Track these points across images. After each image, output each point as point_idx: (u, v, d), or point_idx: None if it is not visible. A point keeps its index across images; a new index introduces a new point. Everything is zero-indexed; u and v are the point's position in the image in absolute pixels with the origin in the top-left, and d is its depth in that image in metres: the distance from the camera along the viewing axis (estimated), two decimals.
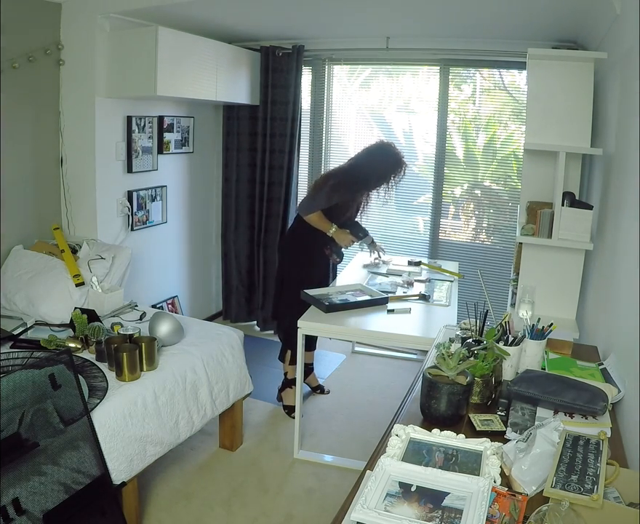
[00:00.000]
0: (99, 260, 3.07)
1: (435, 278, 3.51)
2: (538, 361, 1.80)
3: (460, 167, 4.17)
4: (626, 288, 1.87)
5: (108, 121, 3.39)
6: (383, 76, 4.31)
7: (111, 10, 3.17)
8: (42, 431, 1.87)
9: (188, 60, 3.38)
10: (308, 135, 4.38)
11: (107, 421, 2.06)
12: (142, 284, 3.80)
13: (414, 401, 1.59)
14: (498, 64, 3.85)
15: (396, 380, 3.80)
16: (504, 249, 4.05)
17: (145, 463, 2.24)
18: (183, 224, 4.26)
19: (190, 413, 2.49)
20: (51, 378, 1.95)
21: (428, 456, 1.28)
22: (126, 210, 3.62)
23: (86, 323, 2.53)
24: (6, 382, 1.87)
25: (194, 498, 2.56)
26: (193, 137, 4.18)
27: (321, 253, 3.33)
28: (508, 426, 1.46)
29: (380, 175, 3.23)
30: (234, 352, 2.81)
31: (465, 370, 1.51)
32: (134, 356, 2.26)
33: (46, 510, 1.80)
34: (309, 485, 2.71)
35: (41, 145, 3.30)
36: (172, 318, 2.64)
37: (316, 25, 3.78)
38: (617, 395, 1.62)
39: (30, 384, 1.92)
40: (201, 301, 4.58)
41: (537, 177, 2.81)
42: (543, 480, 1.17)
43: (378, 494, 1.13)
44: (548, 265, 2.59)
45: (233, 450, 2.93)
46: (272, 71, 4.10)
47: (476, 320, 1.86)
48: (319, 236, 3.25)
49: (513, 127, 3.97)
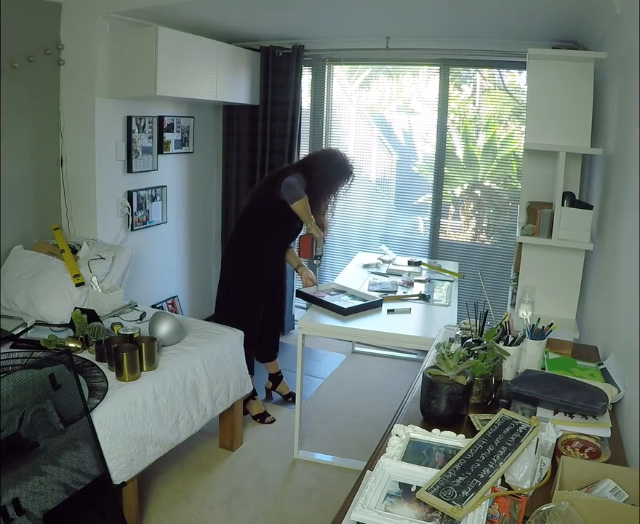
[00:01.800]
0: (99, 260, 3.07)
1: (435, 278, 3.51)
2: (538, 361, 1.80)
3: (459, 167, 4.17)
4: (626, 288, 1.87)
5: (108, 121, 3.39)
6: (383, 76, 4.31)
7: (111, 10, 3.17)
8: (42, 431, 1.87)
9: (187, 60, 3.38)
10: (308, 135, 4.38)
11: (107, 421, 2.06)
12: (142, 284, 3.80)
13: (414, 401, 1.59)
14: (498, 64, 3.85)
15: (396, 381, 3.80)
16: (504, 249, 4.05)
17: (145, 463, 2.24)
18: (183, 224, 4.26)
19: (190, 413, 2.49)
20: (51, 378, 1.95)
21: (427, 456, 1.28)
22: (126, 210, 3.62)
23: (86, 323, 2.53)
24: (6, 382, 1.87)
25: (194, 498, 2.56)
26: (193, 137, 4.18)
27: (275, 254, 3.18)
28: None
29: (329, 187, 3.09)
30: (234, 352, 2.81)
31: (465, 370, 1.51)
32: (134, 356, 2.26)
33: (46, 510, 1.80)
34: (309, 485, 2.71)
35: (41, 145, 3.30)
36: (171, 318, 2.64)
37: (316, 25, 3.78)
38: (617, 395, 1.62)
39: (30, 384, 1.92)
40: (201, 301, 4.58)
41: (537, 177, 2.81)
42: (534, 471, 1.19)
43: (378, 494, 1.13)
44: (547, 265, 2.59)
45: (233, 450, 2.93)
46: (272, 71, 4.10)
47: (476, 320, 1.86)
48: (270, 237, 3.09)
49: (513, 127, 3.97)
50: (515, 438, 1.28)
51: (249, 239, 3.10)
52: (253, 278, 3.09)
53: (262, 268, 3.12)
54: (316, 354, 4.18)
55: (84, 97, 3.29)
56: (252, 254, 3.07)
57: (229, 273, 3.19)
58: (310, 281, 3.25)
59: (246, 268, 3.09)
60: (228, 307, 3.15)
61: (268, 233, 3.08)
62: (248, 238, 3.11)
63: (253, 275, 3.09)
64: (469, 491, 1.10)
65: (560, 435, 1.36)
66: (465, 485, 1.12)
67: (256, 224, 3.10)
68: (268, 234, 3.08)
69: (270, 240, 3.10)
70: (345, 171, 3.12)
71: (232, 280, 3.15)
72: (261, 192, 3.09)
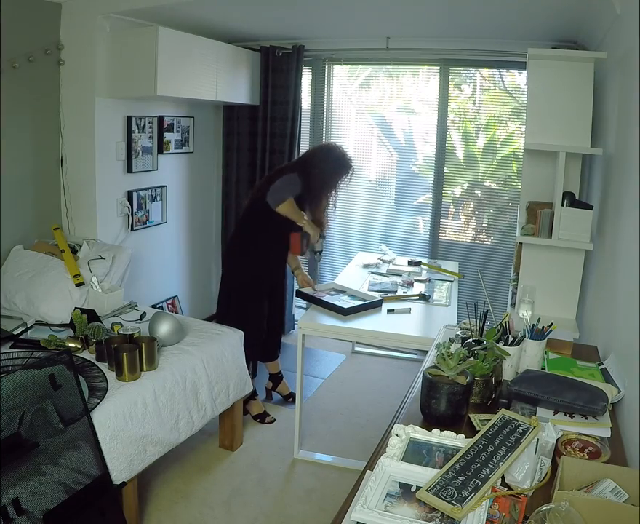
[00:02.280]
0: (99, 260, 3.07)
1: (435, 278, 3.51)
2: (538, 361, 1.80)
3: (460, 167, 4.17)
4: (626, 288, 1.87)
5: (108, 121, 3.39)
6: (383, 76, 4.31)
7: (111, 10, 3.17)
8: (42, 431, 1.87)
9: (187, 60, 3.38)
10: (308, 135, 4.38)
11: (107, 421, 2.06)
12: (142, 284, 3.80)
13: (414, 401, 1.59)
14: (498, 64, 3.85)
15: (396, 381, 3.80)
16: (504, 249, 4.05)
17: (145, 463, 2.24)
18: (183, 224, 4.26)
19: (190, 412, 2.49)
20: (51, 378, 1.95)
21: (427, 456, 1.28)
22: (126, 210, 3.62)
23: (86, 323, 2.53)
24: (6, 382, 1.87)
25: (194, 498, 2.56)
26: (193, 137, 4.18)
27: (275, 254, 3.16)
28: None
29: (328, 182, 3.06)
30: (234, 352, 2.81)
31: (465, 370, 1.51)
32: (134, 356, 2.26)
33: (46, 510, 1.80)
34: (309, 485, 2.71)
35: (41, 145, 3.30)
36: (172, 318, 2.64)
37: (316, 25, 3.78)
38: (617, 395, 1.62)
39: (30, 384, 1.92)
40: (201, 301, 4.58)
41: (537, 177, 2.80)
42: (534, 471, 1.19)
43: (378, 494, 1.13)
44: (547, 265, 2.59)
45: (233, 450, 2.93)
46: (272, 71, 4.10)
47: (476, 320, 1.86)
48: (269, 237, 3.07)
49: (513, 127, 3.97)
50: (515, 438, 1.28)
51: (249, 240, 3.09)
52: (253, 278, 3.09)
53: (262, 269, 3.11)
54: (315, 354, 4.18)
55: (84, 97, 3.29)
56: (252, 254, 3.07)
57: (229, 273, 3.18)
58: (307, 284, 3.24)
59: (245, 269, 3.08)
60: (229, 307, 3.15)
61: (267, 233, 3.07)
62: (248, 239, 3.10)
63: (253, 275, 3.09)
64: (469, 491, 1.10)
65: (560, 435, 1.36)
66: (465, 485, 1.12)
67: (255, 225, 3.09)
68: (267, 235, 3.07)
69: (269, 241, 3.09)
70: (343, 165, 3.09)
71: (232, 280, 3.15)
72: (260, 192, 3.08)
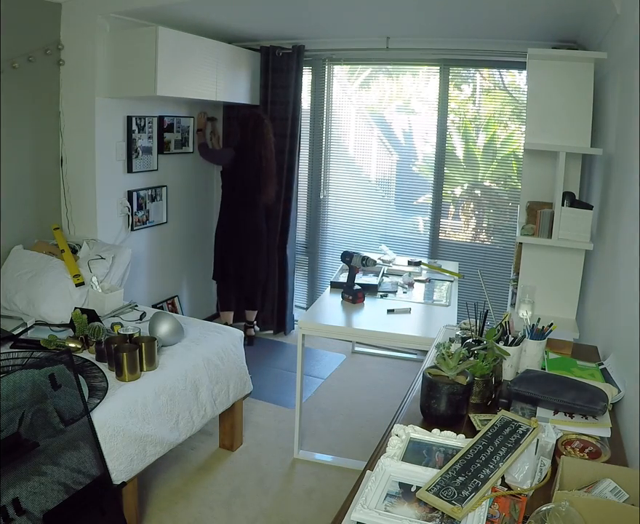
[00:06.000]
0: (99, 260, 3.07)
1: (435, 278, 3.51)
2: (538, 361, 1.80)
3: (460, 167, 4.17)
4: (626, 288, 1.87)
5: (108, 121, 3.39)
6: (383, 76, 4.31)
7: (111, 10, 3.18)
8: (42, 431, 1.88)
9: (188, 60, 3.38)
10: (308, 135, 4.38)
11: (107, 421, 2.06)
12: (142, 284, 3.80)
13: (414, 401, 1.59)
14: (498, 64, 3.85)
15: (396, 381, 3.80)
16: (504, 249, 4.05)
17: (145, 463, 2.24)
18: (183, 224, 4.26)
19: (191, 412, 2.49)
20: (51, 378, 1.95)
21: (427, 456, 1.28)
22: (126, 210, 3.62)
23: (86, 323, 2.53)
24: (6, 382, 1.87)
25: (194, 498, 2.56)
26: (193, 137, 4.18)
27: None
28: None
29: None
30: (234, 352, 2.82)
31: (465, 370, 1.51)
32: (134, 356, 2.26)
33: (46, 510, 1.80)
34: (309, 485, 2.71)
35: (41, 145, 3.30)
36: (171, 318, 2.64)
37: (316, 25, 3.78)
38: (617, 395, 1.62)
39: (30, 384, 1.92)
40: (201, 301, 4.58)
41: (537, 177, 2.81)
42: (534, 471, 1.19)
43: (378, 494, 1.13)
44: (547, 265, 2.59)
45: (233, 450, 2.93)
46: (272, 71, 4.10)
47: (476, 320, 1.86)
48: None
49: (513, 127, 3.97)
50: (515, 439, 1.28)
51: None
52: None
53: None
54: (316, 354, 4.18)
55: (84, 97, 3.29)
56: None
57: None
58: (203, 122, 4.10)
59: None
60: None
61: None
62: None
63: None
64: (469, 491, 1.10)
65: (560, 435, 1.36)
66: (465, 485, 1.12)
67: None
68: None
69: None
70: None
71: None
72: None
